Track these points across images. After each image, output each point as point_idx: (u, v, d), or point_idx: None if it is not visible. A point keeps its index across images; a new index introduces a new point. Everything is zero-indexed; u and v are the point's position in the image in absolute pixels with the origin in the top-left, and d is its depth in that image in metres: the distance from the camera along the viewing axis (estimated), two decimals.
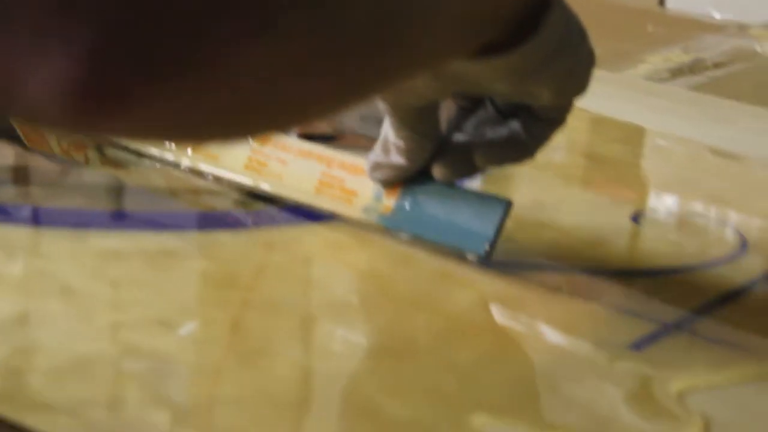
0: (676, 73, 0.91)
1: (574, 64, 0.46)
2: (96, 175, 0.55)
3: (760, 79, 0.92)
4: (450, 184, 0.50)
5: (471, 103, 0.50)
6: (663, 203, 0.60)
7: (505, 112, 0.50)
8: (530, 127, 0.49)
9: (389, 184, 0.51)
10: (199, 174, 0.55)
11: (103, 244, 0.48)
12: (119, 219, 0.51)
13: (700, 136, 0.70)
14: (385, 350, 0.43)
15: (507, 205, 0.49)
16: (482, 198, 0.49)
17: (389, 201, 0.50)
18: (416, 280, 0.48)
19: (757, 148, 0.69)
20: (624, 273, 0.51)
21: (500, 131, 0.49)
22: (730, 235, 0.56)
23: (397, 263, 0.49)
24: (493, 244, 0.48)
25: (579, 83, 0.47)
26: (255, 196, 0.53)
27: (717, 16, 1.14)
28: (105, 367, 0.38)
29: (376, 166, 0.51)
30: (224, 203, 0.53)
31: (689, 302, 0.48)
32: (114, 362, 0.39)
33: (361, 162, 0.51)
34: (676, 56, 0.95)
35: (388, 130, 0.49)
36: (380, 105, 0.48)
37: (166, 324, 0.42)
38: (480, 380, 0.41)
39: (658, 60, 0.94)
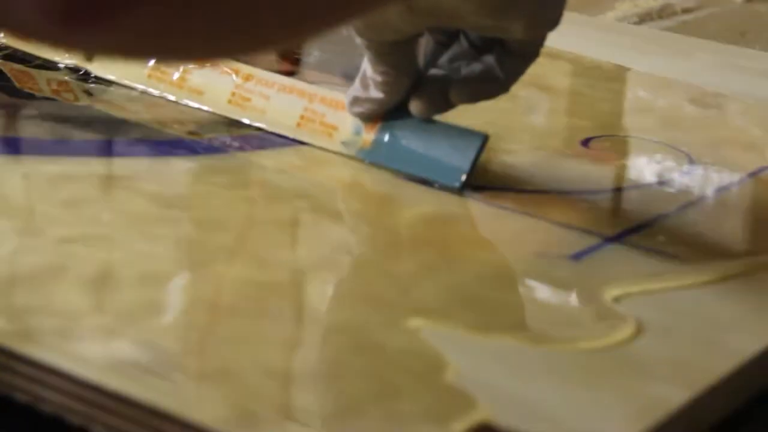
0: (644, 17, 0.92)
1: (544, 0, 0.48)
2: (63, 107, 0.55)
3: (728, 22, 0.92)
4: (428, 119, 0.51)
5: (447, 38, 0.51)
6: (615, 129, 0.61)
7: (480, 47, 0.51)
8: (504, 61, 0.50)
9: (368, 118, 0.52)
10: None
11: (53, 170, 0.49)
12: (68, 146, 0.52)
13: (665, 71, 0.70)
14: (326, 262, 0.43)
15: (483, 138, 0.50)
16: (459, 131, 0.50)
17: (368, 135, 0.51)
18: (365, 199, 0.49)
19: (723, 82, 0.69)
20: (571, 192, 0.51)
21: (474, 67, 0.50)
22: (678, 156, 0.56)
23: (346, 186, 0.50)
24: (468, 176, 0.49)
25: (550, 16, 0.48)
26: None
27: None
28: (52, 277, 0.39)
29: (354, 101, 0.51)
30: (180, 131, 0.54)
31: (631, 218, 0.49)
32: (61, 273, 0.40)
33: (342, 97, 0.52)
34: (644, 2, 0.96)
35: (366, 65, 0.50)
36: (357, 40, 0.49)
37: (110, 240, 0.43)
38: (418, 288, 0.42)
39: (627, 6, 0.95)
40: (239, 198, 0.49)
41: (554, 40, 0.49)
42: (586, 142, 0.57)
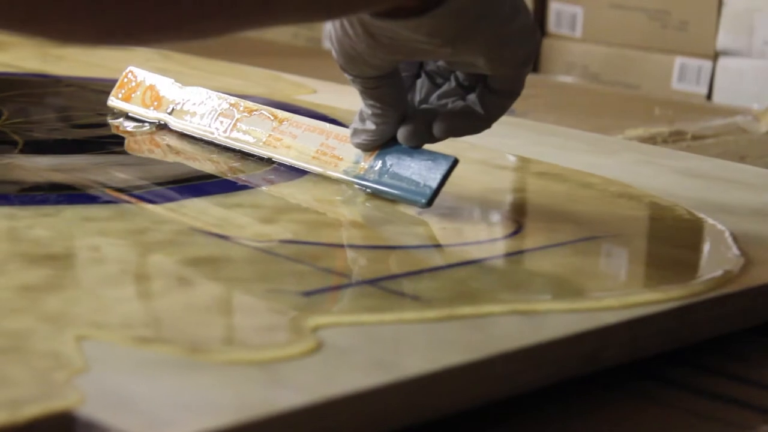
0: (645, 141, 0.90)
1: (505, 34, 0.51)
2: None
3: (728, 148, 0.89)
4: (416, 147, 0.56)
5: (442, 80, 0.56)
6: None
7: (467, 87, 0.55)
8: (484, 98, 0.54)
9: (367, 148, 0.58)
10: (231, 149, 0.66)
11: None
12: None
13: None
14: None
15: (452, 161, 0.55)
16: (433, 156, 0.56)
17: (365, 163, 0.58)
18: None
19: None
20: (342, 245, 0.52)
21: (458, 103, 0.55)
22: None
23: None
24: (434, 195, 0.55)
25: (516, 54, 0.52)
26: None
27: (756, 107, 1.11)
28: None
29: (354, 132, 0.57)
30: None
31: (394, 267, 0.48)
32: None
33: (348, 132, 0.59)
34: (656, 129, 0.94)
35: (362, 103, 0.56)
36: (346, 76, 0.54)
37: None
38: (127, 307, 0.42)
39: (638, 131, 0.93)
40: None
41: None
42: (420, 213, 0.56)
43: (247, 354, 0.39)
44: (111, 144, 0.68)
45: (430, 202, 0.55)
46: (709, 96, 1.26)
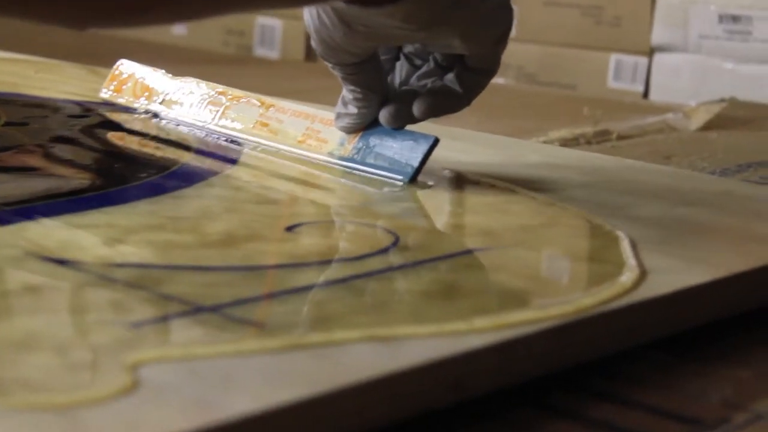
0: (568, 142, 0.85)
1: (479, 15, 0.52)
2: None
3: (655, 148, 0.85)
4: (398, 128, 0.58)
5: (421, 61, 0.58)
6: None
7: (445, 67, 0.57)
8: (462, 77, 0.56)
9: (350, 131, 0.60)
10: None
11: None
12: None
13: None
14: None
15: (433, 140, 0.58)
16: (415, 136, 0.59)
17: (349, 145, 0.60)
18: None
19: None
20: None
21: (436, 83, 0.57)
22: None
23: None
24: (416, 172, 0.58)
25: (491, 33, 0.54)
26: None
27: (693, 104, 1.07)
28: None
29: (337, 116, 0.60)
30: None
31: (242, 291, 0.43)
32: None
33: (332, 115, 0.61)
34: (580, 129, 0.89)
35: (343, 87, 0.58)
36: (325, 62, 0.56)
37: None
38: None
39: (561, 133, 0.88)
40: None
41: None
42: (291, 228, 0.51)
43: (44, 397, 0.34)
44: None
45: (412, 179, 0.58)
46: (645, 94, 1.22)
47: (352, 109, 0.59)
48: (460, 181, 0.61)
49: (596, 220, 0.54)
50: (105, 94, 0.76)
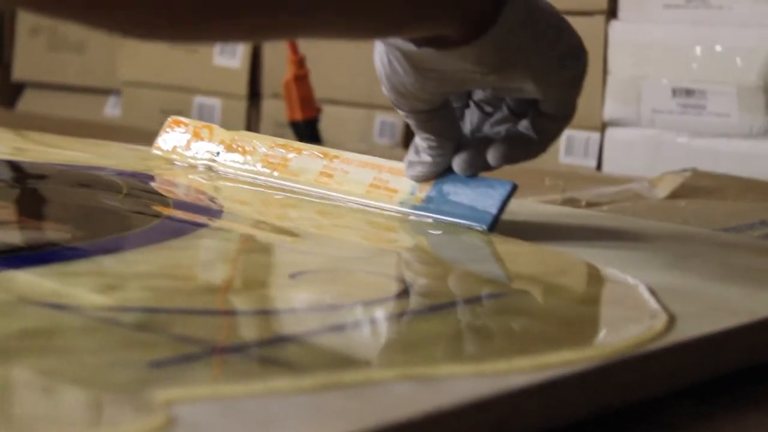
0: None
1: (552, 57, 0.52)
2: None
3: (625, 215, 0.83)
4: (472, 175, 0.57)
5: (492, 109, 0.57)
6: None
7: (518, 113, 0.56)
8: (536, 123, 0.55)
9: (423, 179, 0.59)
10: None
11: None
12: None
13: None
14: None
15: (512, 186, 0.57)
16: (491, 182, 0.57)
17: (421, 193, 0.59)
18: None
19: None
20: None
21: (511, 130, 0.56)
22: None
23: None
24: (496, 219, 0.56)
25: (564, 76, 0.53)
26: None
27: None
28: None
29: (409, 165, 0.59)
30: None
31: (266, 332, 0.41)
32: None
33: (400, 165, 0.60)
34: (548, 197, 0.88)
35: (416, 136, 0.57)
36: (399, 112, 0.55)
37: None
38: None
39: (530, 201, 0.87)
40: None
41: None
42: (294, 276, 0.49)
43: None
44: None
45: (491, 228, 0.56)
46: (598, 168, 1.21)
47: (426, 158, 0.58)
48: (460, 232, 0.59)
49: (606, 268, 0.52)
50: (156, 151, 0.75)
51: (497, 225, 0.57)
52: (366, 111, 1.42)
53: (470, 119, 0.58)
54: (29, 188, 0.67)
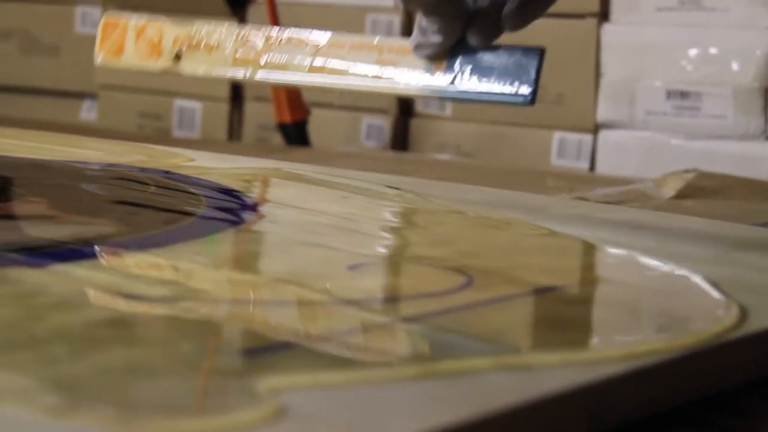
0: None
1: None
2: None
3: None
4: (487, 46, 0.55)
5: None
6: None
7: None
8: None
9: (434, 58, 0.56)
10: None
11: None
12: None
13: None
14: None
15: (540, 52, 0.54)
16: (513, 51, 0.55)
17: (439, 72, 0.56)
18: None
19: None
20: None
21: None
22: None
23: None
24: (535, 90, 0.54)
25: None
26: None
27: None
28: None
29: (418, 46, 0.57)
30: None
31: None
32: None
33: (404, 43, 0.57)
34: (558, 197, 0.88)
35: (419, 16, 0.56)
36: (405, 3, 0.55)
37: None
38: None
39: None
40: None
41: None
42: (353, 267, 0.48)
43: (194, 422, 0.30)
44: None
45: (532, 100, 0.54)
46: (591, 170, 1.22)
47: (435, 38, 0.56)
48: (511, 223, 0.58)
49: (657, 260, 0.52)
50: (102, 60, 0.67)
51: (536, 97, 0.55)
52: (353, 114, 1.41)
53: None
54: (57, 184, 0.66)
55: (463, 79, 0.55)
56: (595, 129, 1.22)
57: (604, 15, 1.21)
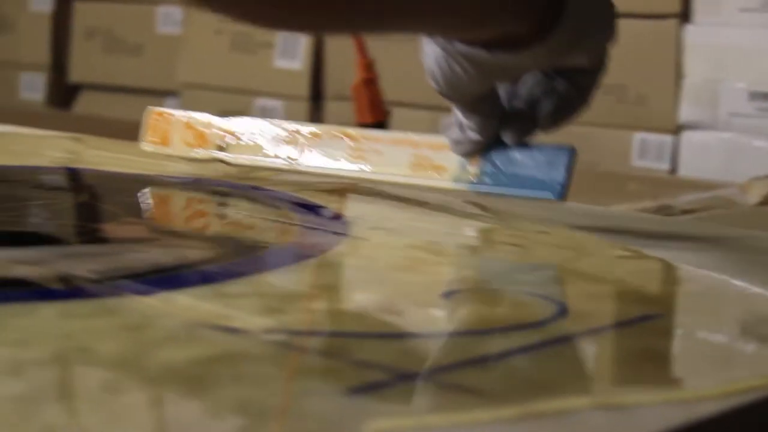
0: None
1: (593, 25, 0.54)
2: None
3: (722, 222, 0.83)
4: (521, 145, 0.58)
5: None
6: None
7: (550, 73, 0.57)
8: (576, 80, 0.57)
9: (471, 155, 0.59)
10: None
11: None
12: None
13: None
14: None
15: (571, 151, 0.56)
16: (548, 149, 0.57)
17: (474, 169, 0.59)
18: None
19: None
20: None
21: (552, 95, 0.57)
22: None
23: None
24: (565, 186, 0.56)
25: (607, 38, 0.55)
26: None
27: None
28: None
29: (456, 143, 0.59)
30: None
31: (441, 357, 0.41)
32: None
33: (441, 140, 0.60)
34: (641, 205, 0.88)
35: (457, 113, 0.58)
36: (446, 99, 0.56)
37: None
38: None
39: (623, 208, 0.87)
40: None
41: None
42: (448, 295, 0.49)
43: None
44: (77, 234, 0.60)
45: (562, 196, 0.56)
46: (672, 172, 1.21)
47: (473, 136, 0.58)
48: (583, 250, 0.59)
49: (747, 284, 0.52)
50: (148, 147, 0.72)
51: (567, 193, 0.56)
52: (431, 113, 1.42)
53: (504, 88, 0.59)
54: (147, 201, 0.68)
55: (497, 175, 0.58)
56: (677, 130, 1.21)
57: (684, 15, 1.20)
